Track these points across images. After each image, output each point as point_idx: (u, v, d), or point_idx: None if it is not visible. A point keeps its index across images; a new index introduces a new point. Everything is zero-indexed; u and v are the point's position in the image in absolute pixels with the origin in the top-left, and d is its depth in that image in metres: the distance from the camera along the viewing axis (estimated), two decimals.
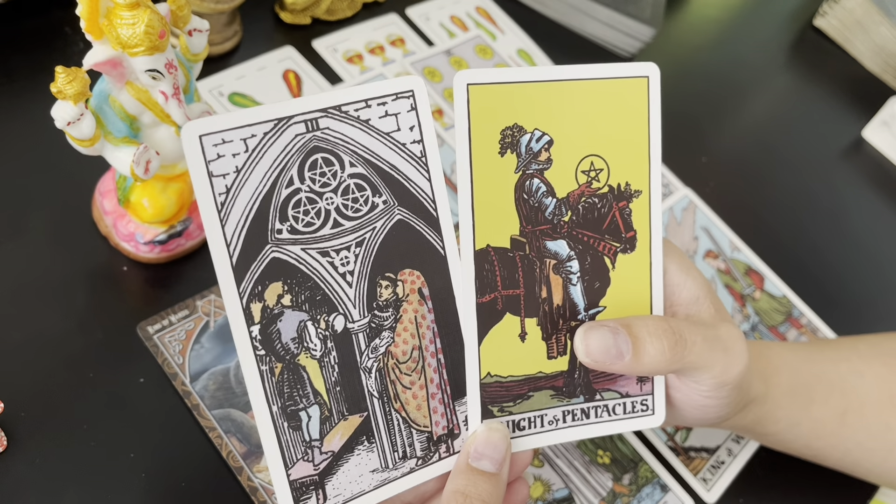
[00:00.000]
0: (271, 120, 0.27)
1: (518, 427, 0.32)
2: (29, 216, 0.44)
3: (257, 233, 0.27)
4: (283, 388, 0.28)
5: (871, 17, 0.82)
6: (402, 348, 0.30)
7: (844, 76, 0.83)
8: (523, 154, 0.32)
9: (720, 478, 0.48)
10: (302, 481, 0.28)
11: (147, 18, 0.34)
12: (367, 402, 0.30)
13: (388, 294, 0.30)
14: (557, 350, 0.33)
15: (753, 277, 0.59)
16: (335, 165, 0.29)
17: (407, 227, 0.30)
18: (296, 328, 0.28)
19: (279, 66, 0.56)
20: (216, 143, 0.27)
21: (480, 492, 0.30)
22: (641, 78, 0.34)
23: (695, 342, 0.33)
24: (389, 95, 0.29)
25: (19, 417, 0.38)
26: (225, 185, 0.27)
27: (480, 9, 0.67)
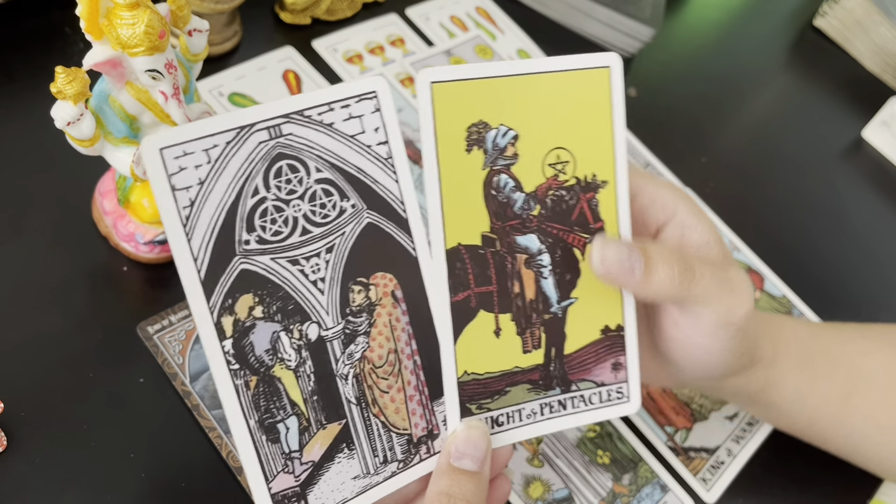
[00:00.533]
0: (233, 129, 0.27)
1: (497, 423, 0.32)
2: (29, 216, 0.44)
3: (224, 245, 0.27)
4: (259, 402, 0.28)
5: (870, 18, 0.82)
6: (378, 352, 0.30)
7: (844, 76, 0.83)
8: (490, 150, 0.31)
9: (720, 478, 0.48)
10: (283, 494, 0.28)
11: (147, 18, 0.34)
12: (345, 410, 0.29)
13: (360, 299, 0.30)
14: (532, 344, 0.33)
15: (753, 277, 0.59)
16: (301, 171, 0.28)
17: (377, 231, 0.30)
18: (269, 339, 0.28)
19: (279, 66, 0.56)
20: (177, 156, 0.26)
21: (464, 491, 0.30)
22: (603, 68, 0.33)
23: (703, 275, 0.33)
24: (352, 97, 0.29)
25: (19, 417, 0.38)
26: (189, 198, 0.26)
27: (480, 9, 0.67)
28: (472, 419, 0.31)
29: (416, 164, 0.54)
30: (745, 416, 0.51)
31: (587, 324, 0.34)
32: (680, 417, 0.49)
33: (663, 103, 0.68)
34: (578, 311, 0.34)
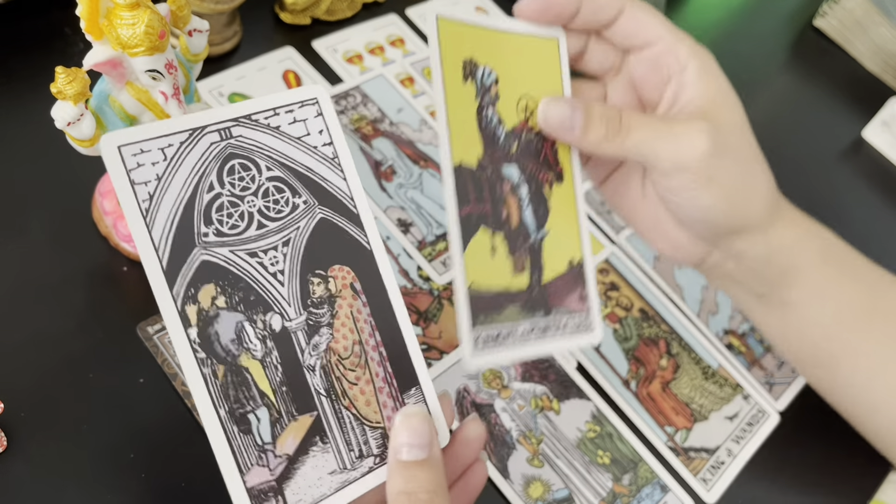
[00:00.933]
0: (185, 130, 0.29)
1: (497, 339, 0.33)
2: (29, 216, 0.44)
3: (184, 237, 0.28)
4: (229, 391, 0.28)
5: (870, 18, 0.82)
6: (343, 343, 0.31)
7: (844, 76, 0.83)
8: (479, 85, 0.35)
9: (720, 478, 0.48)
10: (260, 488, 0.28)
11: (147, 19, 0.34)
12: (315, 401, 0.30)
13: (320, 291, 0.31)
14: (519, 266, 0.35)
15: None
16: (252, 170, 0.30)
17: (330, 225, 0.31)
18: (234, 329, 0.29)
19: (279, 66, 0.56)
20: (135, 153, 0.28)
21: (421, 483, 0.29)
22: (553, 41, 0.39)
23: (639, 129, 0.37)
24: (295, 104, 0.31)
25: (19, 417, 0.38)
26: (148, 192, 0.28)
27: (480, 9, 0.67)
28: (407, 407, 0.31)
29: (415, 164, 0.54)
30: (745, 417, 0.51)
31: (557, 256, 0.37)
32: (680, 417, 0.49)
33: None
34: (550, 244, 0.37)
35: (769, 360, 0.55)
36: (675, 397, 0.50)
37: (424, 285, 0.49)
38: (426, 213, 0.52)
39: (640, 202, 0.42)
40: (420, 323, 0.47)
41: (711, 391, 0.51)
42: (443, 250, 0.51)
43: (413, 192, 0.52)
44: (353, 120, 0.55)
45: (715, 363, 0.53)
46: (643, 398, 0.49)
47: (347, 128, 0.54)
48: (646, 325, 0.52)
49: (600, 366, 0.50)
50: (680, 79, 0.39)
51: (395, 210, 0.51)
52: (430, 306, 0.48)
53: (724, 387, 0.52)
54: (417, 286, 0.49)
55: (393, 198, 0.52)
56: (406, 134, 0.55)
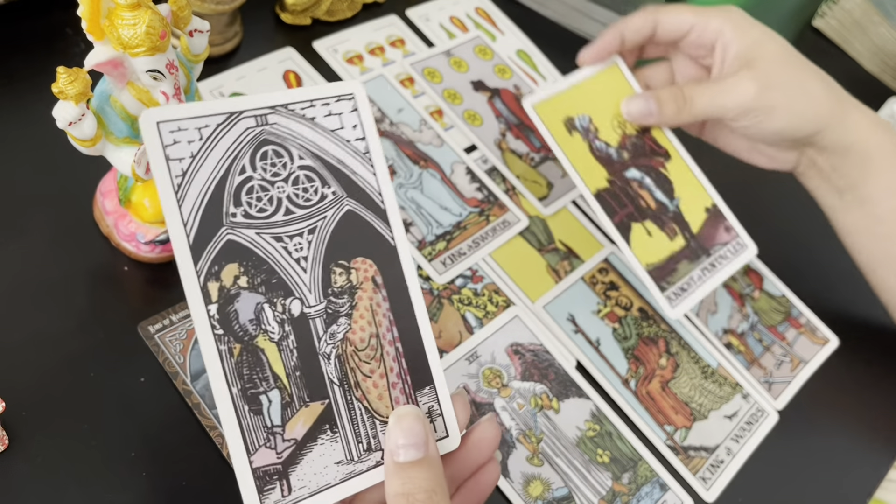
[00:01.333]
0: (223, 113, 0.29)
1: (683, 290, 0.47)
2: (30, 216, 0.44)
3: (213, 215, 0.29)
4: (242, 370, 0.28)
5: (869, 18, 0.83)
6: (360, 335, 0.31)
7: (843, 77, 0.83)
8: (581, 131, 0.49)
9: (719, 477, 0.48)
10: (265, 470, 0.28)
11: (148, 19, 0.34)
12: (328, 390, 0.30)
13: (342, 281, 0.31)
14: (671, 233, 0.49)
15: (752, 277, 0.59)
16: (285, 157, 0.30)
17: (357, 218, 0.31)
18: (253, 310, 0.29)
19: (280, 66, 0.56)
20: (172, 130, 0.28)
21: (419, 483, 0.29)
22: (614, 66, 0.53)
23: (698, 97, 0.48)
24: (332, 97, 0.32)
25: (20, 417, 0.38)
26: (181, 168, 0.28)
27: (480, 10, 0.68)
28: (400, 408, 0.30)
29: (415, 164, 0.54)
30: (744, 416, 0.51)
31: (694, 211, 0.50)
32: (679, 416, 0.49)
33: None
34: (686, 205, 0.51)
35: (768, 359, 0.55)
36: (674, 396, 0.50)
37: (424, 285, 0.49)
38: (426, 213, 0.52)
39: (732, 137, 0.54)
40: None
41: (711, 390, 0.51)
42: (442, 250, 0.51)
43: (413, 192, 0.53)
44: None
45: (714, 362, 0.53)
46: (642, 397, 0.49)
47: None
48: (645, 325, 0.53)
49: (600, 365, 0.50)
50: (721, 42, 0.49)
51: None
52: (430, 306, 0.48)
53: (723, 386, 0.52)
54: None
55: None
56: (406, 134, 0.56)
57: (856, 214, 0.52)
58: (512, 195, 0.56)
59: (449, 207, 0.53)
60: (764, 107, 0.48)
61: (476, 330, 0.48)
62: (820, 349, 0.57)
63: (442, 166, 0.55)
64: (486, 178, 0.56)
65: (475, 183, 0.55)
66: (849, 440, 0.54)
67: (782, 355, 0.55)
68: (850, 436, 0.54)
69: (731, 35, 0.48)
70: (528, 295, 0.51)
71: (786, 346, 0.56)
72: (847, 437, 0.54)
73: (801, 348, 0.56)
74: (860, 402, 0.56)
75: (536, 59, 0.66)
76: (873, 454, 0.54)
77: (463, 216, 0.53)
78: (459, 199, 0.54)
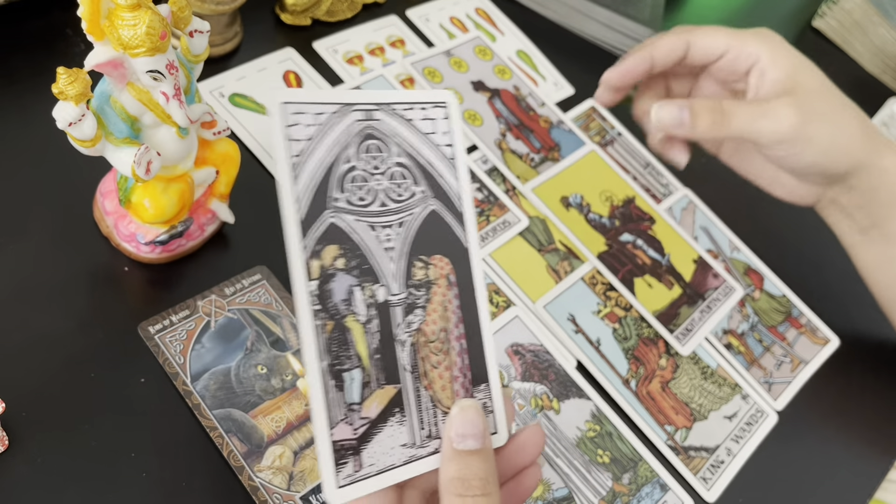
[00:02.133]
0: (337, 103, 0.32)
1: (688, 330, 0.53)
2: (30, 217, 0.44)
3: (320, 197, 0.31)
4: (332, 347, 0.30)
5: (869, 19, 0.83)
6: (432, 328, 0.33)
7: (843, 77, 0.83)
8: (576, 206, 0.56)
9: (720, 477, 0.48)
10: (342, 444, 0.30)
11: (148, 20, 0.34)
12: (400, 375, 0.32)
13: (421, 275, 0.33)
14: (668, 284, 0.54)
15: (753, 277, 0.59)
16: (384, 152, 0.33)
17: (438, 218, 0.34)
18: (346, 291, 0.31)
19: (280, 67, 0.56)
20: (294, 112, 0.31)
21: (476, 471, 0.30)
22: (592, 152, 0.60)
23: (736, 114, 0.45)
24: (428, 103, 0.34)
25: (21, 417, 0.38)
26: (299, 147, 0.31)
27: (480, 10, 0.68)
28: (463, 401, 0.32)
29: None
30: (744, 416, 0.51)
31: (684, 263, 0.56)
32: (680, 417, 0.49)
33: None
34: (676, 259, 0.56)
35: (768, 359, 0.55)
36: (674, 396, 0.50)
37: None
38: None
39: (756, 163, 0.51)
40: None
41: (710, 391, 0.51)
42: None
43: None
44: None
45: (714, 363, 0.53)
46: (643, 397, 0.49)
47: None
48: (645, 325, 0.53)
49: (600, 365, 0.50)
50: (759, 67, 0.46)
51: None
52: None
53: (722, 386, 0.52)
54: None
55: None
56: None
57: (880, 250, 0.51)
58: (512, 195, 0.56)
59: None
60: (803, 138, 0.45)
61: None
62: (820, 349, 0.57)
63: None
64: (487, 178, 0.56)
65: (475, 183, 0.55)
66: (849, 440, 0.54)
67: (782, 356, 0.55)
68: (851, 436, 0.54)
69: (770, 60, 0.46)
70: (529, 295, 0.51)
71: (786, 347, 0.56)
72: (847, 437, 0.54)
73: (801, 348, 0.56)
74: (861, 403, 0.56)
75: (536, 60, 0.66)
76: (874, 454, 0.54)
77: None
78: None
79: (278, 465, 0.40)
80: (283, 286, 0.46)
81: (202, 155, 0.43)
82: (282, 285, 0.46)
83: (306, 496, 0.39)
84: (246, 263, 0.46)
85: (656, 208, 0.59)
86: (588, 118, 0.63)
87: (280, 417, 0.41)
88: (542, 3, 0.70)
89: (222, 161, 0.44)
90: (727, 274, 0.57)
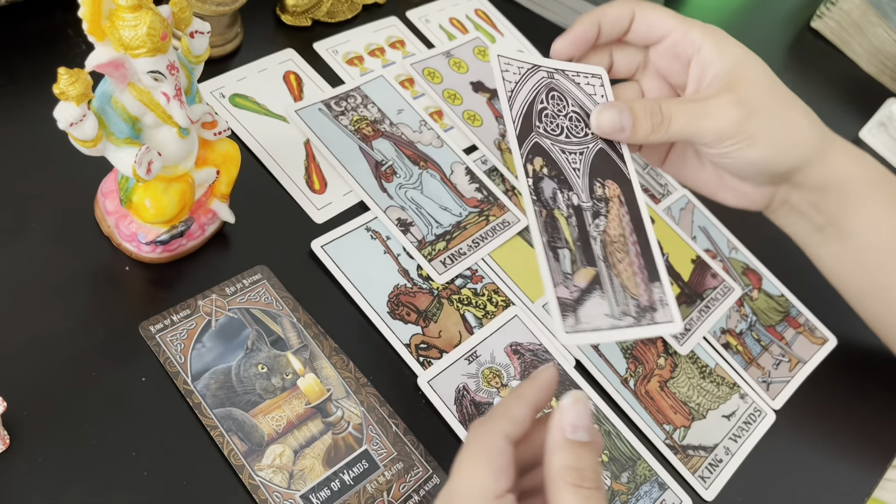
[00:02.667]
0: (530, 63, 0.44)
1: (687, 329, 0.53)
2: (31, 217, 0.44)
3: (527, 122, 0.42)
4: (547, 227, 0.40)
5: (867, 19, 0.83)
6: (613, 232, 0.42)
7: (842, 78, 0.83)
8: None
9: (718, 476, 0.48)
10: (563, 300, 0.38)
11: (149, 20, 0.34)
12: (596, 261, 0.40)
13: (600, 192, 0.43)
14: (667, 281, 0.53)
15: (751, 277, 0.59)
16: (563, 102, 0.44)
17: (606, 155, 0.44)
18: (551, 191, 0.41)
19: (280, 67, 0.56)
20: (506, 63, 0.44)
21: (590, 463, 0.30)
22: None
23: (676, 116, 0.44)
24: (589, 74, 0.46)
25: (22, 416, 0.38)
26: (510, 88, 0.43)
27: (479, 11, 0.68)
28: (574, 392, 0.33)
29: (415, 164, 0.54)
30: (742, 415, 0.51)
31: (683, 263, 0.57)
32: (678, 416, 0.50)
33: None
34: (674, 259, 0.56)
35: (766, 359, 0.55)
36: (673, 396, 0.50)
37: (424, 285, 0.49)
38: (426, 213, 0.52)
39: (699, 170, 0.49)
40: (420, 322, 0.48)
41: (709, 390, 0.52)
42: (442, 250, 0.51)
43: (413, 192, 0.53)
44: (353, 121, 0.55)
45: (712, 362, 0.53)
46: (641, 396, 0.50)
47: (348, 129, 0.54)
48: None
49: (599, 364, 0.50)
50: (699, 58, 0.45)
51: (395, 210, 0.51)
52: (430, 305, 0.49)
53: (721, 385, 0.52)
54: (417, 285, 0.49)
55: (393, 198, 0.52)
56: (406, 135, 0.56)
57: (836, 248, 0.50)
58: (511, 195, 0.56)
59: (449, 207, 0.53)
60: (745, 134, 0.43)
61: (476, 330, 0.49)
62: (818, 349, 0.57)
63: (442, 167, 0.55)
64: (486, 178, 0.56)
65: (475, 183, 0.55)
66: (847, 439, 0.54)
67: (780, 355, 0.55)
68: (849, 435, 0.55)
69: (712, 53, 0.44)
70: (528, 295, 0.51)
71: (784, 346, 0.56)
72: (845, 436, 0.54)
73: (799, 348, 0.57)
74: (859, 402, 0.56)
75: None
76: (872, 454, 0.54)
77: (463, 216, 0.53)
78: (459, 199, 0.54)
79: (278, 463, 0.40)
80: (283, 286, 0.46)
81: (203, 155, 0.43)
82: (282, 285, 0.46)
83: (306, 495, 0.40)
84: (246, 263, 0.46)
85: (655, 208, 0.59)
86: None
87: (280, 416, 0.42)
88: (540, 4, 0.70)
89: (223, 161, 0.44)
90: (725, 274, 0.57)
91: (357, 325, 0.47)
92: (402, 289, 0.49)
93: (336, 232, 0.49)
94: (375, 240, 0.50)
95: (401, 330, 0.47)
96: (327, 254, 0.48)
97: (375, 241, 0.50)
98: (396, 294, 0.48)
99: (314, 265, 0.48)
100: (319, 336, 0.45)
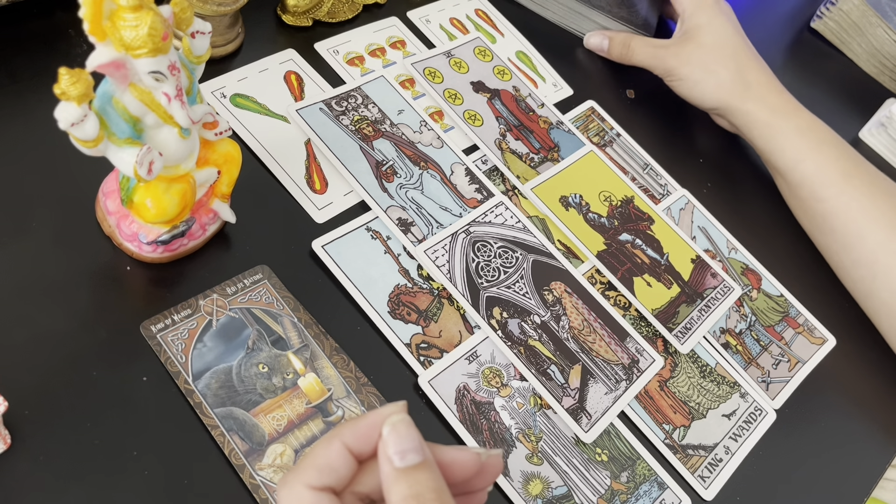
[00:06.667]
0: (448, 234, 0.51)
1: (688, 328, 0.53)
2: (32, 217, 0.44)
3: (472, 284, 0.49)
4: (531, 359, 0.47)
5: (867, 20, 0.83)
6: (576, 322, 0.49)
7: (841, 78, 0.83)
8: (575, 206, 0.57)
9: (718, 475, 0.48)
10: (571, 408, 0.46)
11: (150, 20, 0.34)
12: (577, 356, 0.48)
13: (550, 297, 0.50)
14: (667, 283, 0.55)
15: (750, 277, 0.59)
16: (486, 245, 0.51)
17: (539, 262, 0.51)
18: (517, 327, 0.48)
19: (281, 67, 0.57)
20: (432, 252, 0.50)
21: (426, 484, 0.28)
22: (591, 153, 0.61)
23: (636, 52, 0.66)
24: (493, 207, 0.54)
25: (23, 416, 0.38)
26: (445, 268, 0.50)
27: (480, 11, 0.68)
28: (390, 419, 0.30)
29: (416, 165, 0.54)
30: (742, 415, 0.51)
31: (683, 262, 0.57)
32: (678, 415, 0.50)
33: (660, 105, 0.68)
34: (674, 258, 0.57)
35: (766, 358, 0.55)
36: (672, 395, 0.50)
37: (425, 284, 0.49)
38: (426, 213, 0.52)
39: None
40: (420, 322, 0.48)
41: (709, 389, 0.52)
42: None
43: (413, 193, 0.53)
44: (353, 121, 0.55)
45: (712, 361, 0.53)
46: (641, 396, 0.50)
47: (348, 129, 0.54)
48: (644, 324, 0.53)
49: None
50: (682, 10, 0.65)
51: (395, 210, 0.51)
52: (430, 305, 0.49)
53: (721, 385, 0.52)
54: (418, 285, 0.49)
55: (394, 198, 0.52)
56: (406, 135, 0.56)
57: (780, 182, 0.64)
58: (512, 195, 0.56)
59: (449, 208, 0.53)
60: (676, 76, 0.64)
61: (476, 329, 0.49)
62: (817, 349, 0.57)
63: (442, 167, 0.55)
64: (486, 179, 0.56)
65: (474, 184, 0.55)
66: (846, 439, 0.54)
67: (779, 355, 0.56)
68: (848, 435, 0.55)
69: (690, 12, 0.64)
70: None
71: (783, 346, 0.56)
72: (845, 436, 0.54)
73: (798, 348, 0.57)
74: (858, 402, 0.56)
75: (535, 61, 0.66)
76: (871, 453, 0.54)
77: (463, 217, 0.53)
78: (459, 199, 0.54)
79: (279, 463, 0.40)
80: (283, 285, 0.46)
81: (204, 155, 0.43)
82: (282, 284, 0.46)
83: None
84: (247, 263, 0.46)
85: (654, 208, 0.59)
86: (587, 119, 0.64)
87: (281, 416, 0.42)
88: (541, 4, 0.70)
89: (224, 161, 0.44)
90: (725, 274, 0.58)
91: (358, 324, 0.47)
92: (402, 288, 0.49)
93: (337, 232, 0.49)
94: (376, 240, 0.50)
95: (401, 329, 0.47)
96: (328, 254, 0.48)
97: (376, 240, 0.50)
98: (397, 294, 0.48)
99: (315, 265, 0.48)
100: (320, 335, 0.45)
